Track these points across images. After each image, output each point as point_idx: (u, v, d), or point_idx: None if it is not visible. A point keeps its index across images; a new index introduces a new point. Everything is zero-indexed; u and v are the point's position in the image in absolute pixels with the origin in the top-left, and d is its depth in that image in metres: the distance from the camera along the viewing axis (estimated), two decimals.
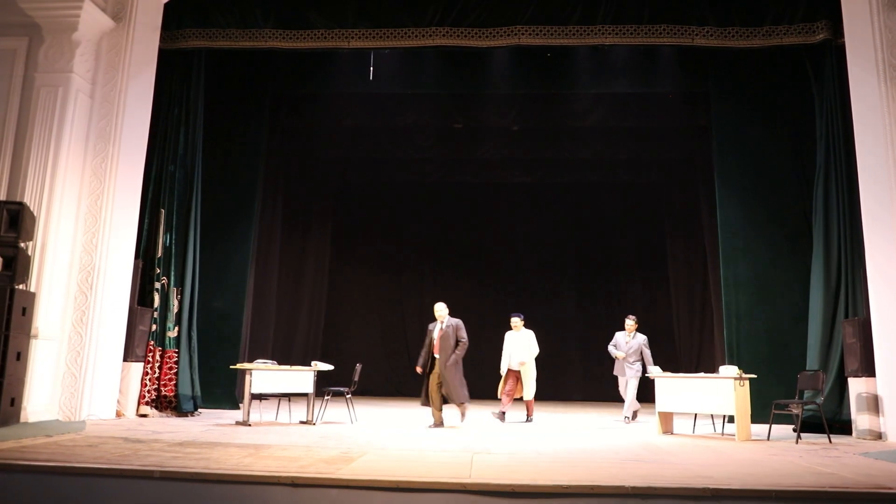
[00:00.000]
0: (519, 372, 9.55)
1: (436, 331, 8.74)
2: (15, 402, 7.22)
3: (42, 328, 7.80)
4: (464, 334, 8.68)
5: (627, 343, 9.90)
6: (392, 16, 9.78)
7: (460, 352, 8.57)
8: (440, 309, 8.82)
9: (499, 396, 9.70)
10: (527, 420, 9.60)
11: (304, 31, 9.86)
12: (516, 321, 9.95)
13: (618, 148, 14.04)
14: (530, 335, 9.79)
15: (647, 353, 9.69)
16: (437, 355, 8.58)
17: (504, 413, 9.43)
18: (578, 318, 16.14)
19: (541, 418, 10.21)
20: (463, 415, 8.74)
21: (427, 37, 9.77)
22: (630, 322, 10.00)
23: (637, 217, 16.14)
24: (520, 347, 9.65)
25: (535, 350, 9.71)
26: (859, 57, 8.39)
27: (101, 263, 8.43)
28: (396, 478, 4.55)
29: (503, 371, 9.72)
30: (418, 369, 8.71)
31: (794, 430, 7.67)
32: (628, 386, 9.69)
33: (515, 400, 9.69)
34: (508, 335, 9.88)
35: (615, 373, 10.08)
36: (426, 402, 8.66)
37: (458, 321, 8.75)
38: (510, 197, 16.39)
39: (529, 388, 9.57)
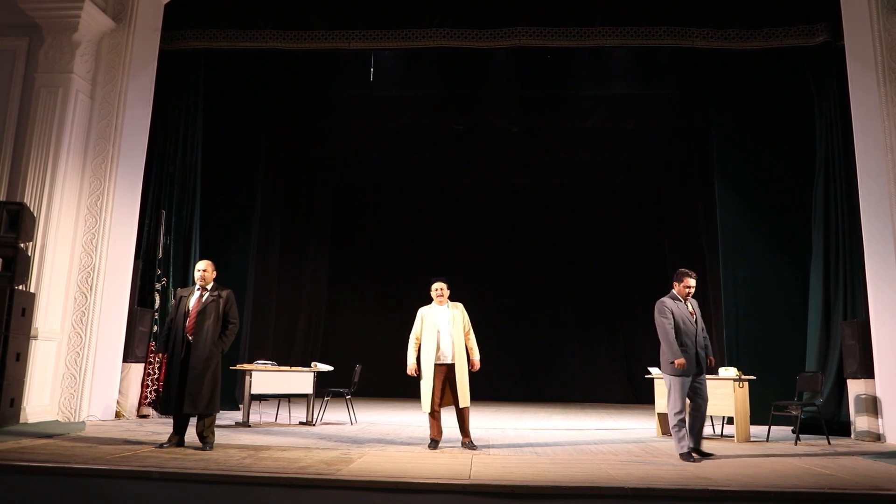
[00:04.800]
0: (452, 369, 6.53)
1: (192, 299, 6.12)
2: (14, 403, 7.22)
3: (42, 329, 7.79)
4: (236, 313, 6.20)
5: (694, 316, 6.21)
6: (392, 17, 9.78)
7: (228, 340, 6.08)
8: (203, 266, 6.20)
9: (430, 411, 6.45)
10: (466, 444, 6.46)
11: (304, 31, 9.86)
12: (441, 287, 6.76)
13: (617, 149, 14.10)
14: (463, 311, 6.79)
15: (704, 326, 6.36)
16: (190, 337, 5.99)
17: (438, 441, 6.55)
18: (577, 319, 16.18)
19: (540, 420, 10.21)
20: (206, 439, 5.96)
21: (427, 38, 9.78)
22: (692, 281, 6.31)
23: (636, 218, 16.17)
24: (454, 330, 6.61)
25: (473, 339, 6.72)
26: (858, 59, 8.40)
27: (100, 264, 8.43)
28: (396, 478, 4.55)
29: (419, 365, 6.61)
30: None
31: (793, 432, 7.68)
32: (702, 391, 6.13)
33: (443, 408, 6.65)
34: (426, 312, 6.77)
35: (689, 372, 6.00)
36: (168, 410, 6.16)
37: (228, 291, 6.20)
38: (509, 198, 16.43)
39: (467, 392, 6.53)
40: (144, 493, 4.52)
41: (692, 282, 6.29)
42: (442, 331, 6.61)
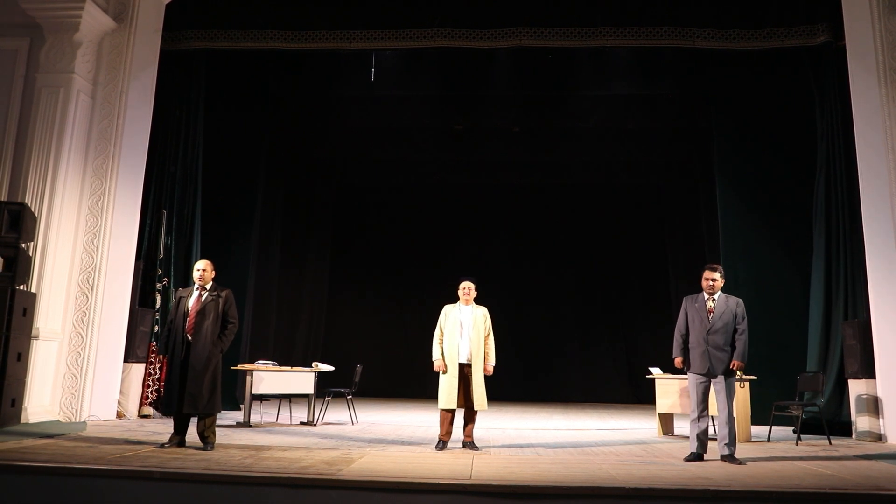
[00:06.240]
0: (469, 369, 6.52)
1: (192, 299, 6.12)
2: (16, 403, 7.22)
3: (43, 329, 7.80)
4: (235, 312, 6.18)
5: (712, 314, 6.03)
6: (393, 17, 9.77)
7: (227, 339, 6.09)
8: (202, 266, 6.19)
9: (444, 407, 6.46)
10: (467, 444, 6.49)
11: (305, 31, 9.85)
12: (469, 287, 6.74)
13: (617, 150, 14.11)
14: (486, 314, 6.71)
15: (744, 330, 6.01)
16: (189, 337, 5.99)
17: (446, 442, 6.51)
18: (578, 319, 16.19)
19: (541, 420, 10.21)
20: (207, 439, 5.94)
21: (429, 38, 9.76)
22: (717, 275, 6.09)
23: (637, 218, 16.18)
24: (473, 332, 6.57)
25: (492, 344, 6.68)
26: (860, 59, 8.40)
27: (101, 264, 8.43)
28: (397, 478, 4.55)
29: (444, 366, 6.49)
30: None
31: (795, 432, 7.68)
32: (717, 396, 5.99)
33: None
34: (450, 309, 6.70)
35: (696, 371, 6.00)
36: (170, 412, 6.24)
37: (227, 291, 6.19)
38: (510, 198, 16.44)
39: (481, 394, 6.52)
40: (145, 493, 4.52)
41: (710, 274, 6.09)
42: (462, 331, 6.60)
